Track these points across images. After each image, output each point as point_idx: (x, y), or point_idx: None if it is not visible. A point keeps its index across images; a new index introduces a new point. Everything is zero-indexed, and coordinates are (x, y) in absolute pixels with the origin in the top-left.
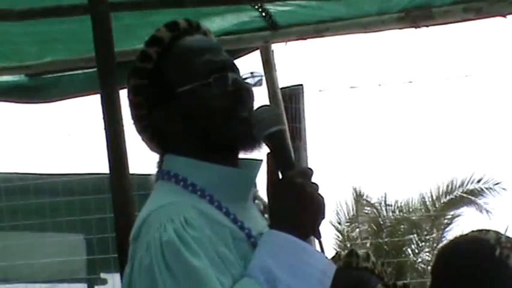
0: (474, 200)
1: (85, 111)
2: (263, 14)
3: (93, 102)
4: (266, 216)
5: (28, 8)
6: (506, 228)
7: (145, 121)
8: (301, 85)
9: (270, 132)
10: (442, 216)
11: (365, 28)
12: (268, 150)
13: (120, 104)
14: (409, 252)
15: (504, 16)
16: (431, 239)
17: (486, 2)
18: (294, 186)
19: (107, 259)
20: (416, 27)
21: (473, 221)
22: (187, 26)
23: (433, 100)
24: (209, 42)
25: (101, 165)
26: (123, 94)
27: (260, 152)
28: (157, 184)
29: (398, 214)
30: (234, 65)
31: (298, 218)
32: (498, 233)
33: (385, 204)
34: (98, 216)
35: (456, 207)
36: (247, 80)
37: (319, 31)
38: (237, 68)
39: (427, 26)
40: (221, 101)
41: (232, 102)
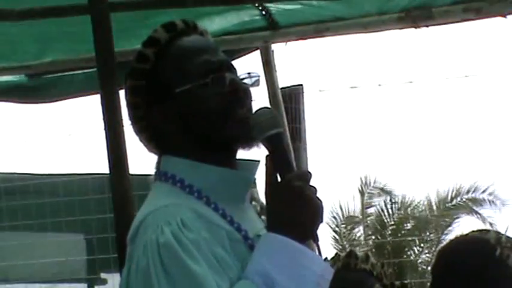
0: (477, 211)
1: (85, 111)
2: (263, 13)
3: (93, 102)
4: (263, 217)
5: (28, 8)
6: (506, 228)
7: (142, 122)
8: (301, 85)
9: (269, 134)
10: (446, 217)
11: (365, 28)
12: (267, 152)
13: (120, 104)
14: (411, 252)
15: (504, 16)
16: (432, 240)
17: (486, 2)
18: (292, 189)
19: (107, 259)
20: (416, 27)
21: (475, 225)
22: (184, 27)
23: (433, 100)
24: (206, 42)
25: (101, 165)
26: (123, 94)
27: (258, 153)
28: (154, 185)
29: (402, 213)
30: (232, 65)
31: (296, 221)
32: (498, 233)
33: (391, 201)
34: (98, 216)
35: (459, 213)
36: (244, 80)
37: (319, 31)
38: (235, 68)
39: (427, 26)
40: (218, 102)
41: (229, 102)
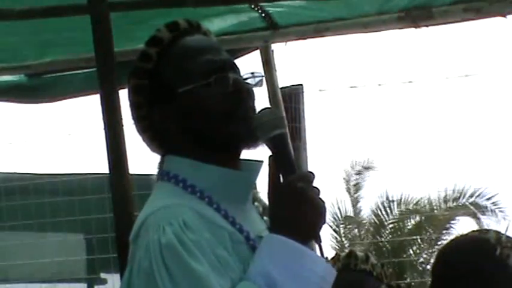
0: (478, 216)
1: (85, 111)
2: (263, 15)
3: (93, 102)
4: (265, 218)
5: (28, 8)
6: (506, 227)
7: (145, 121)
8: (301, 85)
9: (273, 135)
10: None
11: (365, 28)
12: (270, 153)
13: (119, 104)
14: (411, 251)
15: (504, 16)
16: (432, 239)
17: (486, 2)
18: (295, 190)
19: (107, 259)
20: (416, 27)
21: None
22: (187, 26)
23: (433, 100)
24: (209, 42)
25: (101, 165)
26: (122, 94)
27: (261, 152)
28: (157, 185)
29: (403, 210)
30: (235, 65)
31: (298, 223)
32: (498, 233)
33: (387, 199)
34: (98, 216)
35: (460, 213)
36: (248, 80)
37: (319, 31)
38: (238, 68)
39: (427, 26)
40: (221, 102)
41: (232, 102)
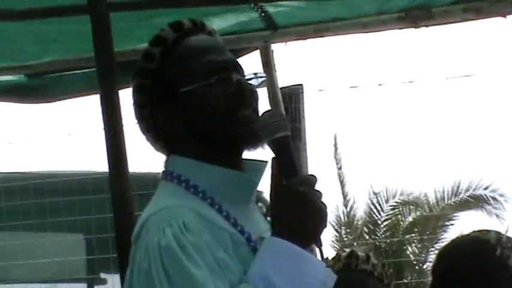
0: (482, 205)
1: (85, 111)
2: (262, 15)
3: (93, 102)
4: (269, 219)
5: (28, 8)
6: (507, 228)
7: (149, 121)
8: (301, 85)
9: (276, 137)
10: (445, 215)
11: (365, 28)
12: (273, 155)
13: (119, 104)
14: (408, 251)
15: (504, 16)
16: (430, 238)
17: (486, 2)
18: (297, 194)
19: (107, 259)
20: (416, 27)
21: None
22: (191, 26)
23: (433, 100)
24: (213, 42)
25: (101, 165)
26: (122, 94)
27: (266, 153)
28: (161, 184)
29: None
30: (238, 65)
31: (299, 226)
32: (499, 234)
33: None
34: (98, 216)
35: (461, 209)
36: (251, 81)
37: (319, 31)
38: (242, 68)
39: (427, 26)
40: (223, 102)
41: (234, 103)
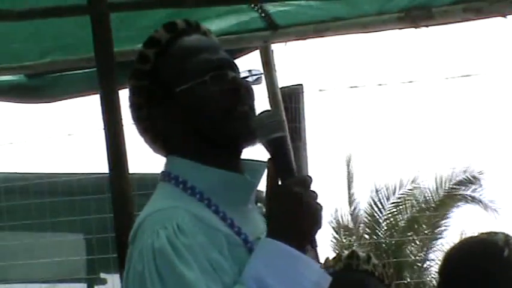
0: (474, 197)
1: (85, 111)
2: (262, 15)
3: (93, 102)
4: None
5: (28, 8)
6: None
7: (146, 122)
8: (301, 85)
9: (273, 137)
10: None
11: (365, 28)
12: (269, 155)
13: (119, 104)
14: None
15: (504, 16)
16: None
17: (486, 2)
18: (291, 195)
19: (107, 259)
20: (416, 27)
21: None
22: (185, 26)
23: (433, 100)
24: (207, 41)
25: (101, 165)
26: (122, 94)
27: (262, 152)
28: (159, 185)
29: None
30: (233, 64)
31: (294, 228)
32: (507, 235)
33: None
34: (98, 216)
35: (455, 204)
36: (247, 79)
37: (319, 31)
38: (236, 67)
39: (427, 26)
40: (219, 99)
41: (231, 99)
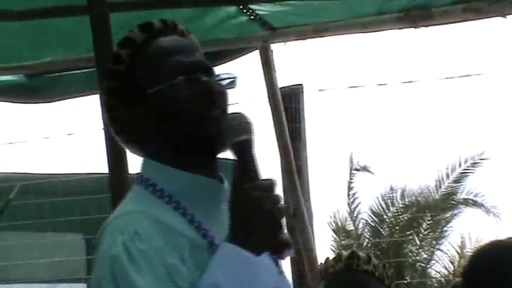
0: (476, 201)
1: (85, 111)
2: (251, 18)
3: (93, 102)
4: None
5: (28, 8)
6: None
7: (119, 123)
8: (300, 85)
9: (237, 140)
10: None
11: (365, 28)
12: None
13: None
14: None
15: (504, 16)
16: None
17: (486, 2)
18: (251, 200)
19: None
20: (415, 27)
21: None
22: (162, 27)
23: (433, 100)
24: (182, 42)
25: (101, 165)
26: None
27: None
28: (132, 187)
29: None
30: (208, 67)
31: (251, 233)
32: None
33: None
34: (98, 216)
35: (456, 207)
36: (221, 82)
37: (318, 31)
38: (212, 70)
39: (427, 26)
40: (190, 103)
41: (202, 104)
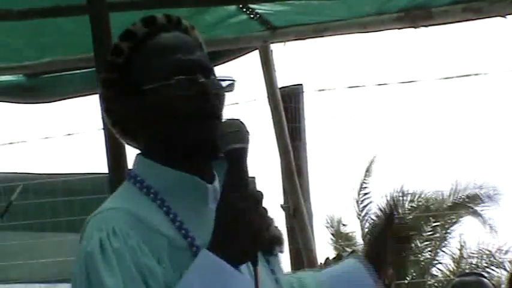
0: (476, 210)
1: (85, 111)
2: (251, 16)
3: (92, 102)
4: None
5: (28, 8)
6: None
7: (115, 115)
8: (300, 85)
9: (231, 148)
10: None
11: (364, 28)
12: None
13: None
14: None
15: (504, 16)
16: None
17: (486, 2)
18: (234, 210)
19: None
20: (415, 27)
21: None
22: (165, 22)
23: (433, 100)
24: (183, 40)
25: (101, 165)
26: None
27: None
28: (123, 183)
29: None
30: (206, 67)
31: (232, 244)
32: None
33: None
34: None
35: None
36: (219, 84)
37: (318, 31)
38: (211, 70)
39: (426, 26)
40: (184, 104)
41: (196, 105)
